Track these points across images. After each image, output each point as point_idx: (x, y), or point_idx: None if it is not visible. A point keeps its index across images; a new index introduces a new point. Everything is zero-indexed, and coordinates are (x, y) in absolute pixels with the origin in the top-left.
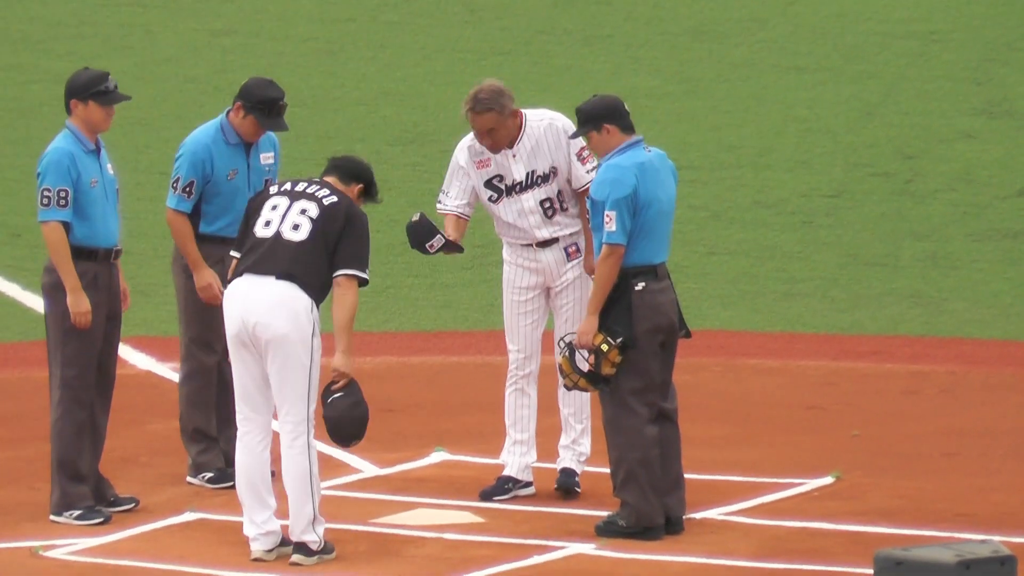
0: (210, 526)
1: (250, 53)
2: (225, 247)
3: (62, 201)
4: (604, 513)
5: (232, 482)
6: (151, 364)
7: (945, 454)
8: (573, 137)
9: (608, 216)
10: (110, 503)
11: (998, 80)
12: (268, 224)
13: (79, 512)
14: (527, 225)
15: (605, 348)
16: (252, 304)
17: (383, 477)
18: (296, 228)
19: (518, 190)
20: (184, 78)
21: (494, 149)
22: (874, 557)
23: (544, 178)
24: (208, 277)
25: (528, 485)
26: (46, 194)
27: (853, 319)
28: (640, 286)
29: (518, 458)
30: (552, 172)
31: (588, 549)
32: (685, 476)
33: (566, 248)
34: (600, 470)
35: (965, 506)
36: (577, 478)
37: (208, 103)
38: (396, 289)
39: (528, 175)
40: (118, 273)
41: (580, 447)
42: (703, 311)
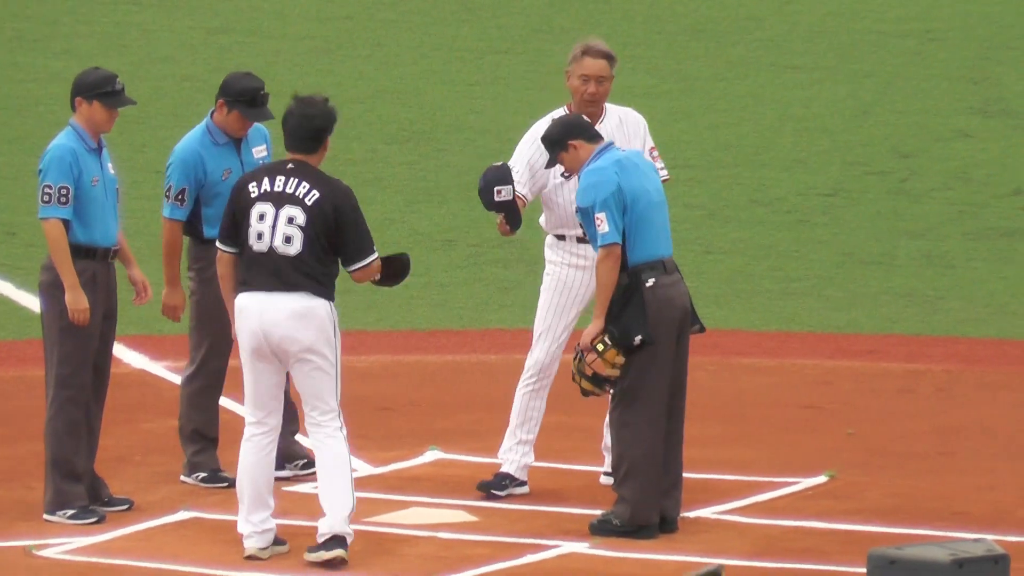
0: (204, 525)
1: (247, 51)
2: None
3: (63, 198)
4: (598, 512)
5: (225, 483)
6: (145, 363)
7: (940, 453)
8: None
9: (599, 218)
10: (104, 503)
11: (994, 79)
12: (260, 237)
13: (73, 511)
14: None
15: (601, 348)
16: (272, 318)
17: (377, 476)
18: (288, 241)
19: None
20: (181, 76)
21: (593, 102)
22: (868, 556)
23: None
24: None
25: (523, 484)
26: (47, 191)
27: (849, 318)
28: (651, 282)
29: (519, 457)
30: None
31: (582, 548)
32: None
33: None
34: (593, 469)
35: (960, 505)
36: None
37: (205, 101)
38: (390, 287)
39: None
40: (115, 272)
41: None
42: (699, 310)
